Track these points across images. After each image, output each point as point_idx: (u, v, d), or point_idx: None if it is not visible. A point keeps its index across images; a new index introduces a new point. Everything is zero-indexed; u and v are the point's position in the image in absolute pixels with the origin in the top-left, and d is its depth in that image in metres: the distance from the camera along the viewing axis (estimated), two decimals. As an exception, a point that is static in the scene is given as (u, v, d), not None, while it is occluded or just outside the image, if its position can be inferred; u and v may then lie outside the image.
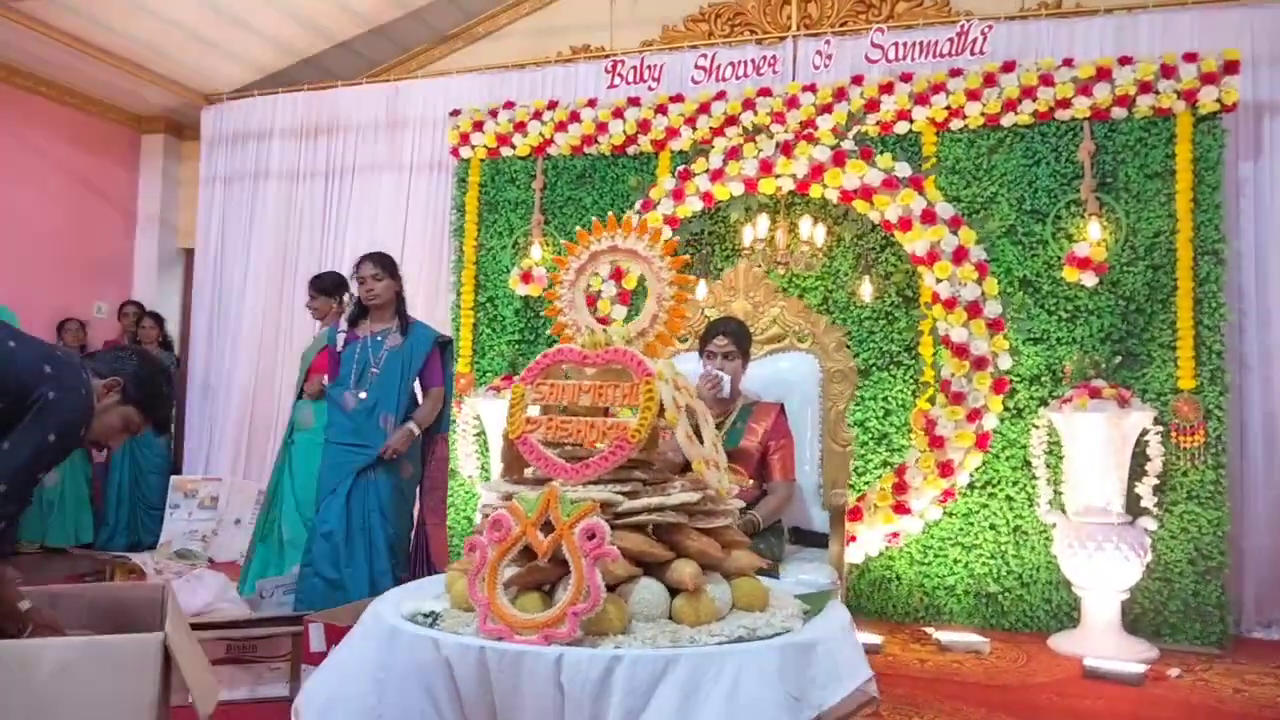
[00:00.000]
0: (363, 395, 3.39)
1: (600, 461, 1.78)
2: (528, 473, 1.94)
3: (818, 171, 4.19)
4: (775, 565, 2.73)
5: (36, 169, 6.00)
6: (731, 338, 2.95)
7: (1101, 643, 3.73)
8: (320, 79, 6.00)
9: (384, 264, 3.51)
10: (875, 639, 3.76)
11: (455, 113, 5.18)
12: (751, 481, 2.90)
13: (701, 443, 1.94)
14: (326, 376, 3.60)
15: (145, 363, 2.03)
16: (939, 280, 4.03)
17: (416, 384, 3.52)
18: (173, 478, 5.62)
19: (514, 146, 5.00)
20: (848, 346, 3.38)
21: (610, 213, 2.04)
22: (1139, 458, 3.88)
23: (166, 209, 6.78)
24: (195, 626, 2.78)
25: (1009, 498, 4.17)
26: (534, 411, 1.94)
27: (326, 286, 4.14)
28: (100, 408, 1.97)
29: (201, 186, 6.21)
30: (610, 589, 1.70)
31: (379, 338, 3.48)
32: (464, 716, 1.57)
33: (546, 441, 1.87)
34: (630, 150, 4.83)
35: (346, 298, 4.06)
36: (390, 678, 1.65)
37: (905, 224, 4.08)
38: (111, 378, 1.98)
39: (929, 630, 4.02)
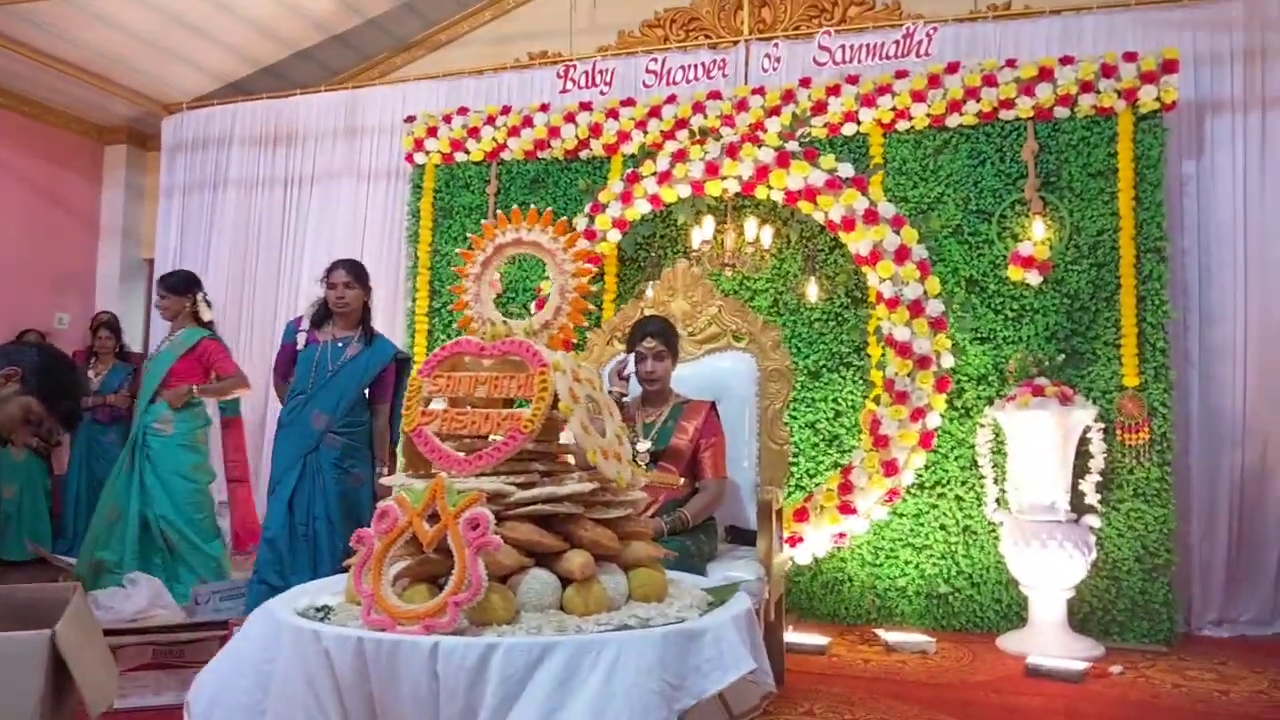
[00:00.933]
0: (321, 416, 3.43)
1: (492, 453, 1.78)
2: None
3: (763, 173, 4.21)
4: (703, 562, 2.73)
5: (-5, 179, 5.98)
6: (659, 338, 2.96)
7: (1048, 641, 3.73)
8: (281, 88, 6.00)
9: (356, 273, 3.54)
10: (821, 640, 3.75)
11: (410, 119, 5.20)
12: (683, 480, 2.89)
13: (603, 435, 1.95)
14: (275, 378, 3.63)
15: (47, 354, 2.02)
16: (882, 280, 4.05)
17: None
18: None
19: (468, 152, 5.01)
20: (787, 345, 3.39)
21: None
22: (1083, 455, 3.90)
23: (130, 219, 6.76)
24: (122, 632, 2.76)
25: (958, 498, 4.18)
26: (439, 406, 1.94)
27: (176, 285, 4.07)
28: None
29: (161, 196, 6.20)
30: (503, 580, 1.70)
31: (340, 344, 3.48)
32: (344, 708, 1.56)
33: (444, 434, 1.87)
34: (583, 155, 4.85)
35: (200, 296, 4.08)
36: (275, 671, 1.65)
37: (849, 224, 4.10)
38: (9, 368, 1.96)
39: (878, 632, 4.01)
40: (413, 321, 5.09)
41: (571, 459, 2.00)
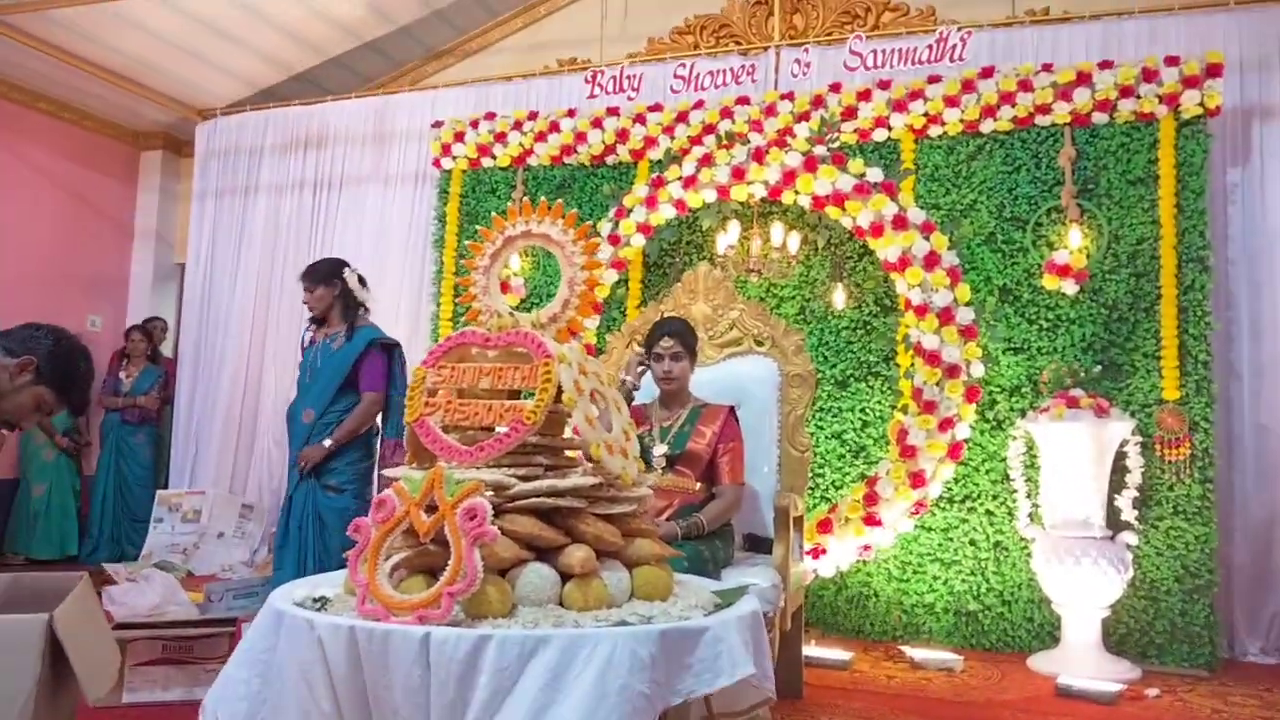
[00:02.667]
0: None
1: (494, 444, 1.77)
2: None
3: (789, 178, 4.18)
4: (718, 568, 2.70)
5: (33, 184, 6.13)
6: (677, 338, 2.94)
7: (1081, 662, 3.63)
8: (313, 94, 6.10)
9: (313, 276, 3.58)
10: (844, 655, 3.68)
11: (437, 124, 5.25)
12: (700, 485, 2.87)
13: (609, 430, 1.93)
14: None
15: (61, 341, 2.03)
16: (911, 286, 4.00)
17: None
18: (158, 492, 5.67)
19: (494, 157, 5.05)
20: (813, 353, 3.35)
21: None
22: (1120, 470, 3.80)
23: (164, 224, 6.90)
24: (133, 626, 2.78)
25: (989, 512, 4.10)
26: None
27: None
28: (12, 387, 1.97)
29: (194, 201, 6.32)
30: (501, 574, 1.68)
31: (329, 341, 3.54)
32: (336, 698, 1.55)
33: (446, 425, 1.86)
34: (609, 160, 4.86)
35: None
36: (274, 662, 1.65)
37: (877, 230, 4.06)
38: (25, 356, 1.97)
39: (904, 648, 3.93)
40: (437, 326, 5.13)
41: (577, 454, 1.98)
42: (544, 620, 1.59)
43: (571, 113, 4.93)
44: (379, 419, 3.60)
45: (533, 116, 4.99)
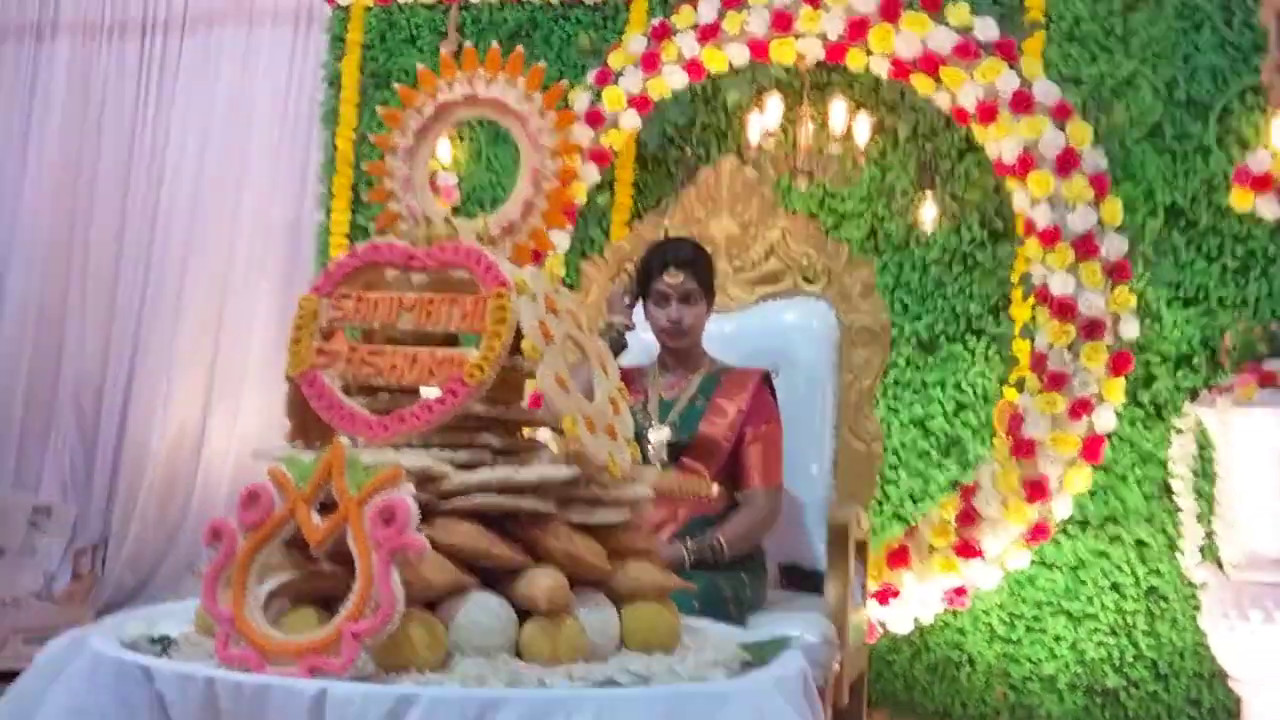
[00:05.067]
0: None
1: (420, 413, 1.77)
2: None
3: (858, 30, 4.17)
4: (743, 610, 2.73)
5: None
6: (689, 269, 2.93)
7: (1271, 763, 3.72)
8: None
9: None
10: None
11: (330, -65, 5.20)
12: (717, 487, 2.87)
13: (590, 397, 1.93)
14: None
15: None
16: (1035, 201, 4.01)
17: None
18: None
19: (417, -12, 5.04)
20: (886, 296, 3.37)
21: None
22: (1337, 482, 3.85)
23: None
24: None
25: (1139, 542, 4.15)
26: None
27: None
28: None
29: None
30: (430, 607, 1.69)
31: None
32: (181, 779, 1.56)
33: (349, 384, 1.86)
34: (587, -3, 4.86)
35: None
36: (84, 725, 1.65)
37: (988, 112, 4.06)
38: None
39: (1011, 738, 4.01)
40: (326, 245, 5.14)
41: (542, 434, 1.97)
42: (493, 676, 1.59)
43: (532, -79, 4.91)
44: None
45: (475, -73, 4.97)
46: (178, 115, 5.71)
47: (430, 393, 1.80)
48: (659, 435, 2.91)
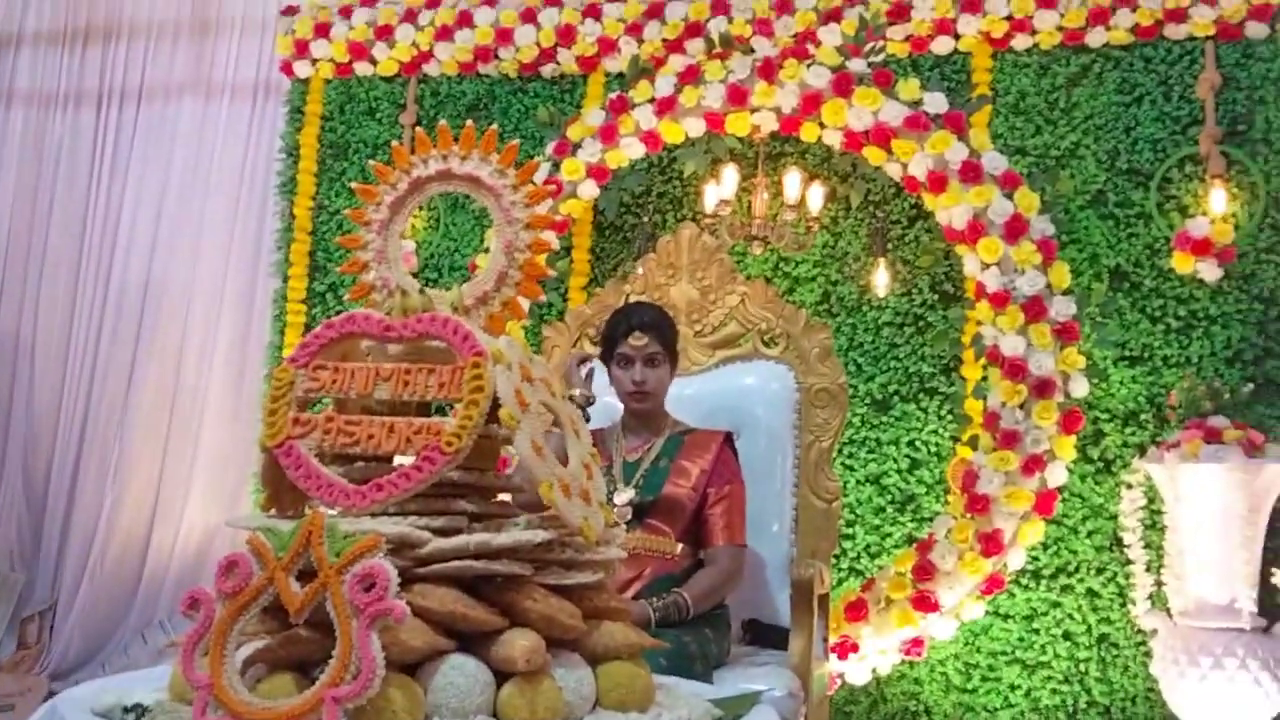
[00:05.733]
0: None
1: (397, 481, 1.78)
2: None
3: (812, 103, 4.25)
4: (709, 667, 2.74)
5: None
6: (653, 333, 2.97)
7: (1223, 812, 3.75)
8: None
9: None
10: (884, 799, 3.75)
11: (290, 10, 5.24)
12: (681, 546, 2.90)
13: (564, 462, 1.96)
14: None
15: None
16: (985, 266, 4.09)
17: None
18: None
19: (374, 61, 5.08)
20: (842, 358, 3.42)
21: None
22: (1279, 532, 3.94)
23: None
24: None
25: (1091, 592, 4.21)
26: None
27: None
28: None
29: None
30: (409, 671, 1.70)
31: None
32: None
33: (326, 453, 1.87)
34: (545, 71, 4.92)
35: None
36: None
37: (938, 182, 4.14)
38: None
39: (970, 789, 4.03)
40: (282, 312, 5.12)
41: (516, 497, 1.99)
42: (472, 739, 1.61)
43: (491, 0, 4.94)
44: None
45: (434, 4, 5.00)
46: (132, 185, 5.72)
47: (404, 461, 1.82)
48: (625, 496, 2.93)
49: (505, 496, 2.09)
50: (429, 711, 1.66)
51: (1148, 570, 4.07)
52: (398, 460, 1.85)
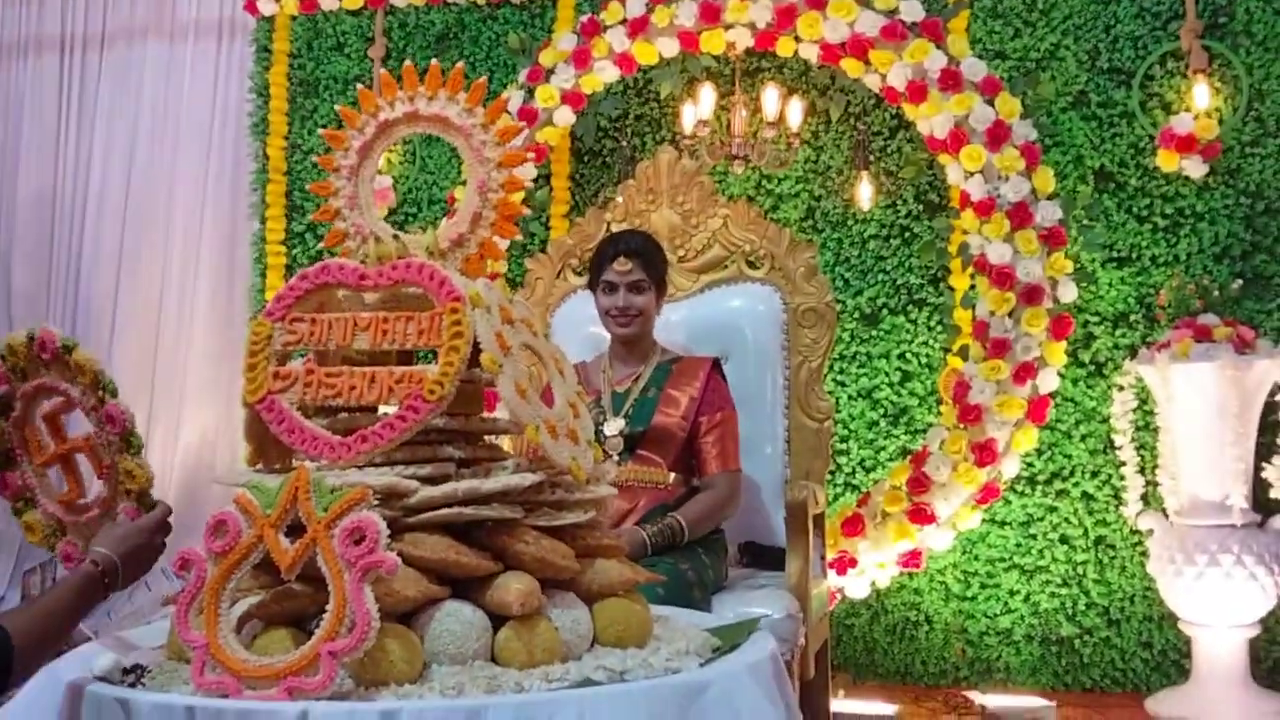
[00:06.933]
0: None
1: (381, 431, 1.78)
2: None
3: (787, 16, 4.19)
4: (706, 593, 2.76)
5: None
6: (638, 259, 2.96)
7: (1221, 701, 3.82)
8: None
9: None
10: (888, 709, 3.81)
11: (251, -57, 5.15)
12: (673, 475, 2.93)
13: (550, 404, 1.95)
14: None
15: None
16: (969, 174, 4.06)
17: None
18: None
19: (339, -6, 5.00)
20: (829, 274, 3.41)
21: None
22: (1272, 428, 3.97)
23: None
24: None
25: (1086, 495, 4.25)
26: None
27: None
28: None
29: None
30: (404, 620, 1.71)
31: None
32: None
33: (308, 406, 1.86)
34: (514, -4, 4.85)
35: None
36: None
37: (917, 91, 4.10)
38: None
39: (973, 695, 4.08)
40: (262, 254, 5.11)
41: (504, 442, 1.99)
42: (471, 684, 1.61)
43: (455, -78, 4.89)
44: None
45: (396, -70, 4.93)
46: (101, 131, 5.65)
47: (387, 410, 1.82)
48: (615, 427, 2.94)
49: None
50: (427, 659, 1.67)
51: (1141, 471, 4.11)
52: (381, 410, 1.85)
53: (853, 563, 4.04)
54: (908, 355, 4.44)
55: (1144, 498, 4.10)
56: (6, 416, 2.06)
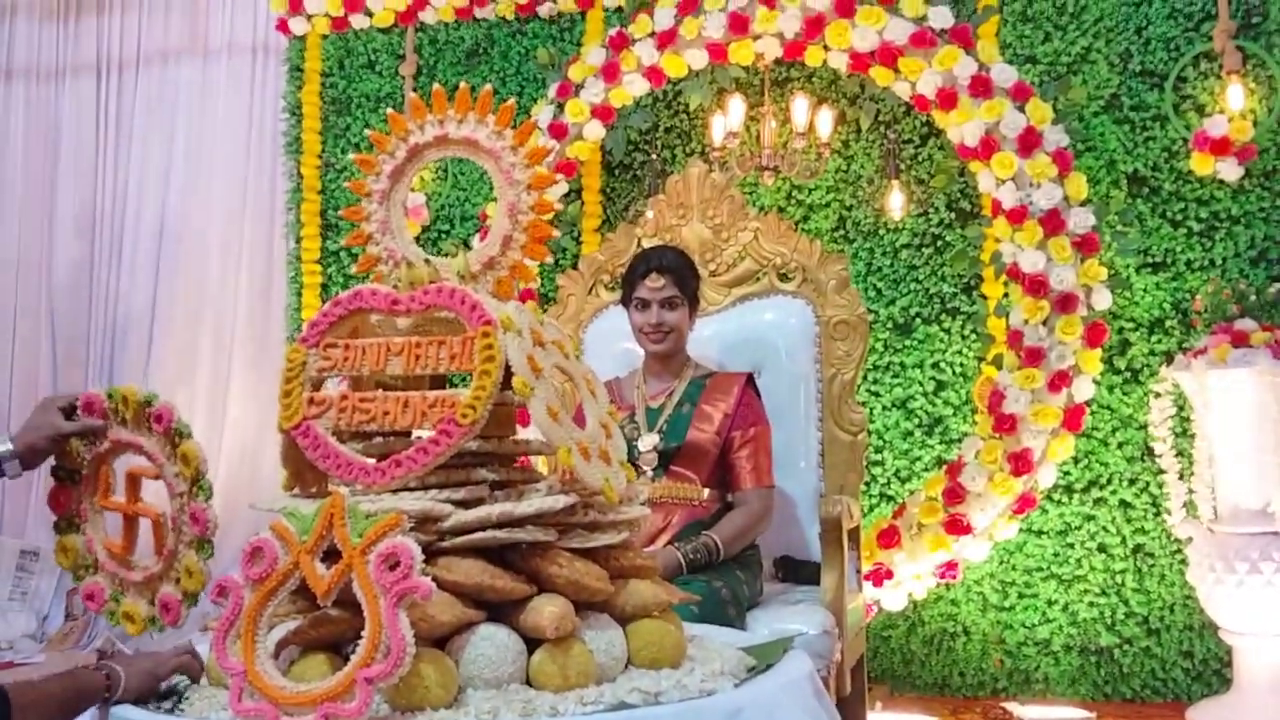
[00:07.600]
0: None
1: (415, 456, 1.78)
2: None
3: (815, 26, 4.18)
4: (741, 611, 2.75)
5: None
6: (671, 275, 2.96)
7: (1263, 711, 3.76)
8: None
9: None
10: (927, 722, 3.80)
11: (280, -34, 5.19)
12: (707, 491, 2.93)
13: (582, 425, 1.95)
14: None
15: None
16: (1000, 181, 4.03)
17: None
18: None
19: (370, 13, 5.02)
20: (860, 285, 3.40)
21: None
22: (1313, 434, 3.92)
23: None
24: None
25: (1124, 504, 4.21)
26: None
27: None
28: None
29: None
30: (439, 644, 1.72)
31: None
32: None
33: (343, 431, 1.88)
34: (542, 11, 4.87)
35: None
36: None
37: (947, 99, 4.08)
38: None
39: (1011, 707, 4.06)
40: (298, 273, 5.15)
41: (538, 464, 1.99)
42: (506, 708, 1.62)
43: (484, -60, 4.90)
44: None
45: (426, -51, 4.96)
46: (138, 152, 5.70)
47: (421, 434, 1.82)
48: (649, 443, 2.95)
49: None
50: (462, 684, 1.68)
51: (1180, 479, 4.06)
52: (415, 433, 1.86)
53: (889, 575, 4.02)
54: (942, 365, 4.42)
55: (1185, 506, 4.06)
56: (90, 444, 2.07)
